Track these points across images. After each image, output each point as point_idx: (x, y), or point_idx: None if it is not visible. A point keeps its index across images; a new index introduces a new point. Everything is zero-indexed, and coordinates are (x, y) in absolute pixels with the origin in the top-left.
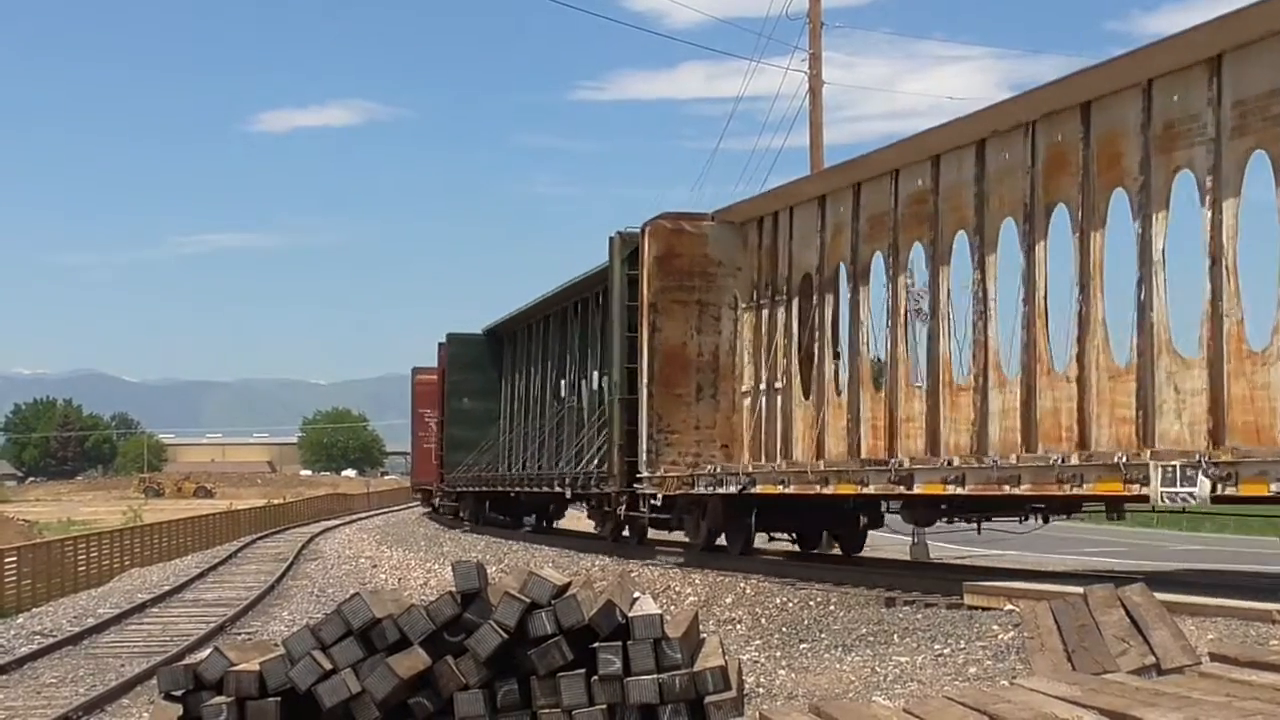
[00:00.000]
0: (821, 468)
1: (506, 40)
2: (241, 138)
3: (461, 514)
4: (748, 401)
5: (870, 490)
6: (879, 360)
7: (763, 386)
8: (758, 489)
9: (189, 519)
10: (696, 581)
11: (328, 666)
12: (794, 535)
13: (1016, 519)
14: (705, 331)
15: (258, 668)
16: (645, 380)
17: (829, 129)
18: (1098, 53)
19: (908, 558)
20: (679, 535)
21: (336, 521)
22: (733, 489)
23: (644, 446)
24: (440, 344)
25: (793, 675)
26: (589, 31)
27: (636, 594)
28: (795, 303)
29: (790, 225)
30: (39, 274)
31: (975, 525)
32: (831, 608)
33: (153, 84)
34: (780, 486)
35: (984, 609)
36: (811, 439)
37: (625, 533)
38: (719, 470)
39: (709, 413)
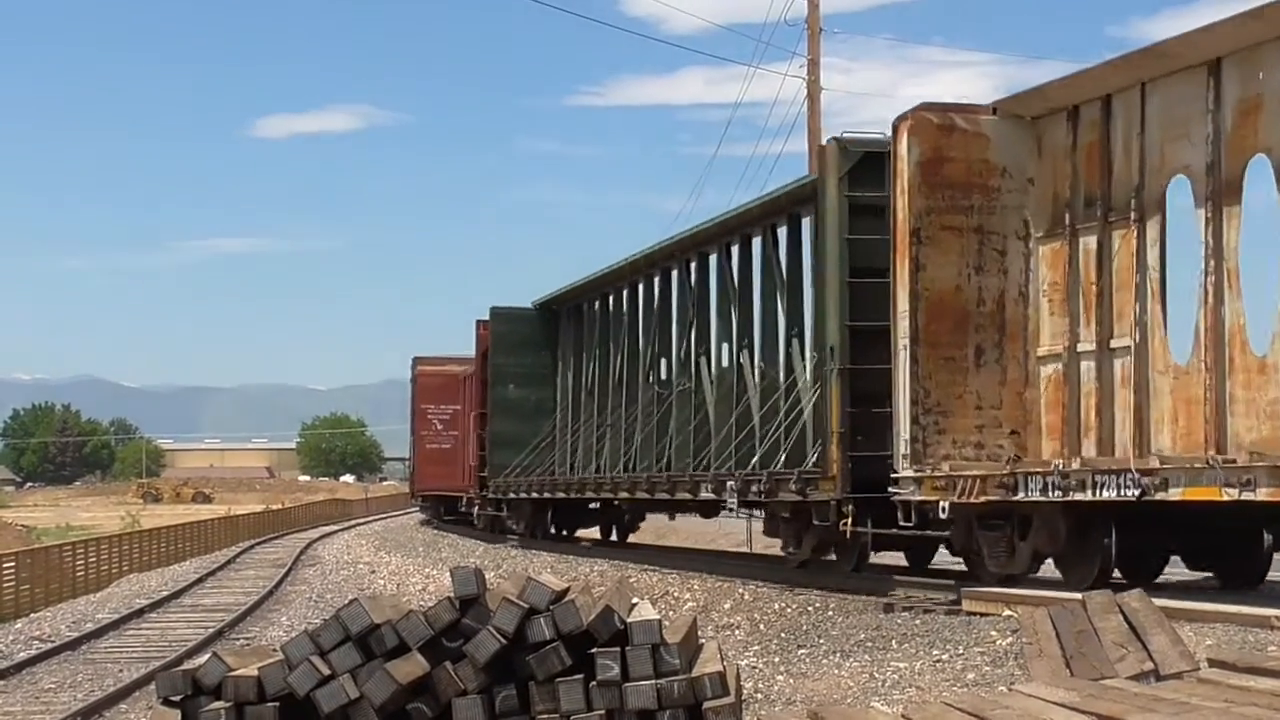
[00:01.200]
0: None
1: (506, 44)
2: (241, 143)
3: (514, 526)
4: (1049, 369)
5: None
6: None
7: (1084, 347)
8: (1176, 493)
9: (187, 524)
10: (695, 587)
11: (326, 672)
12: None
13: None
14: (987, 270)
15: (256, 673)
16: (906, 339)
17: (828, 134)
18: (1099, 57)
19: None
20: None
21: (335, 527)
22: (1113, 494)
23: (904, 434)
24: (480, 321)
25: (791, 681)
26: (588, 36)
27: (635, 599)
28: (1154, 224)
29: (1140, 111)
30: (38, 279)
31: None
32: (830, 613)
33: (152, 89)
34: (1239, 490)
35: (982, 615)
36: (1194, 420)
37: (828, 555)
38: (1074, 466)
39: (992, 385)
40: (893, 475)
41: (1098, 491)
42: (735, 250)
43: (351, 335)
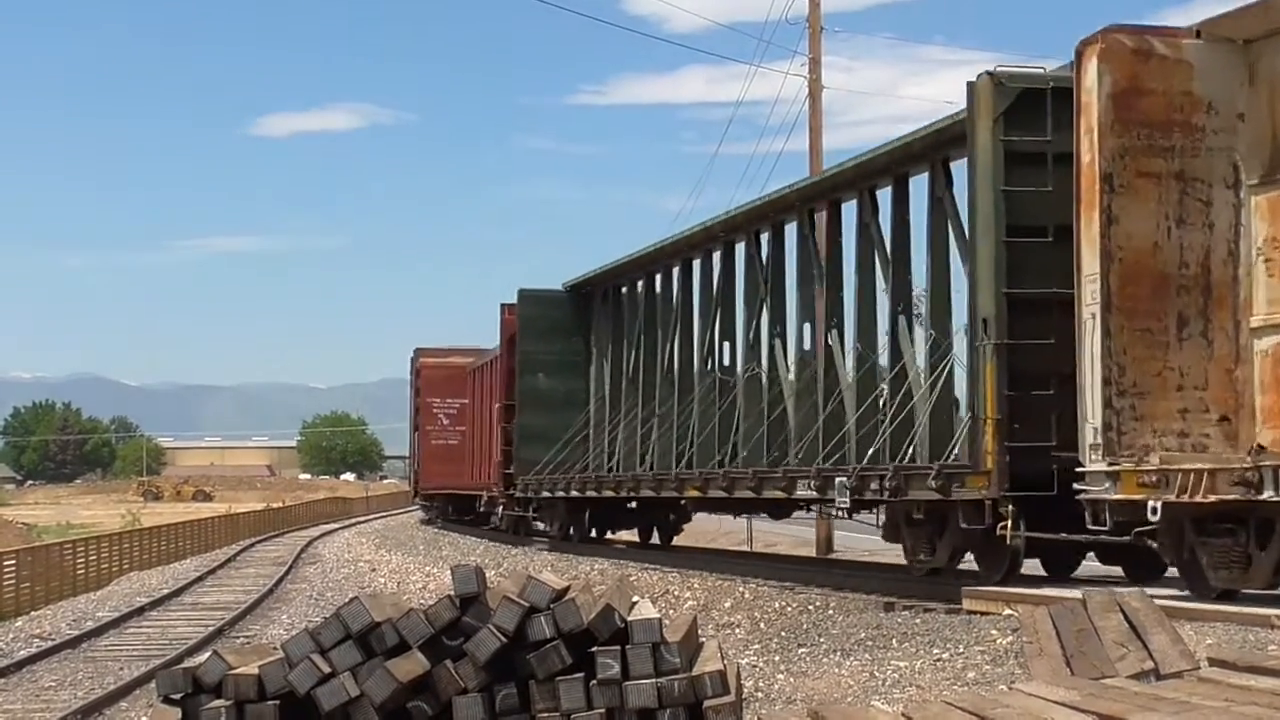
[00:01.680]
0: None
1: (507, 43)
2: (242, 141)
3: (546, 527)
4: (1267, 343)
5: None
6: None
7: None
8: None
9: (188, 522)
10: (695, 586)
11: (326, 670)
12: None
13: None
14: (1189, 225)
15: (256, 671)
16: (1095, 306)
17: (829, 133)
18: None
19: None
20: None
21: (335, 525)
22: None
23: (1093, 420)
24: (505, 305)
25: (791, 680)
26: (590, 35)
27: (635, 598)
28: None
29: None
30: (38, 277)
31: None
32: (830, 612)
33: (153, 87)
34: None
35: (983, 614)
36: None
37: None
38: None
39: (1197, 362)
40: (1078, 470)
41: None
42: (821, 218)
43: (351, 333)
